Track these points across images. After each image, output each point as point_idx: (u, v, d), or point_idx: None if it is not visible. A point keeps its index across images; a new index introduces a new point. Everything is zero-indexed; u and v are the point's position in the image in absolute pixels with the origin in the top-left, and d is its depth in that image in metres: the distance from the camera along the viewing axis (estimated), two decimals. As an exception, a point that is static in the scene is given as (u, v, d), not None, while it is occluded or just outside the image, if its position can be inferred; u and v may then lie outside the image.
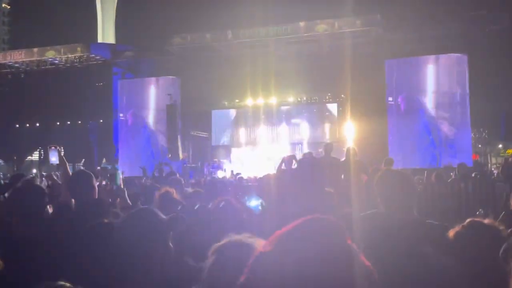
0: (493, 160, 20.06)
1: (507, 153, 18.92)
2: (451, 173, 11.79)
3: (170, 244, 2.27)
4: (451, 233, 2.47)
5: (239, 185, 13.38)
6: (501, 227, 2.49)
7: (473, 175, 10.81)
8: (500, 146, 20.66)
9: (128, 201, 4.82)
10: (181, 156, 19.43)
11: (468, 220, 2.46)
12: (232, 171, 19.89)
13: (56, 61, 21.23)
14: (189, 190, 7.22)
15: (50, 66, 21.40)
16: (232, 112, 23.33)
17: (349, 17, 18.14)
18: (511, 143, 18.86)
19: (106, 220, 2.82)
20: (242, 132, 23.26)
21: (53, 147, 5.37)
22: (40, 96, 21.15)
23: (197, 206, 4.83)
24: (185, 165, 20.55)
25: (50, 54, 20.95)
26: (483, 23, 17.58)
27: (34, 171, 22.02)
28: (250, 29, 19.32)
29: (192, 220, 4.03)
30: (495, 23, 17.63)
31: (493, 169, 17.45)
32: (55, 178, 5.75)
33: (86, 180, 3.97)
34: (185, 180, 15.85)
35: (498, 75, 16.91)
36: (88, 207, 3.67)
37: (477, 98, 17.53)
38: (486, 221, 2.49)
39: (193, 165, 21.90)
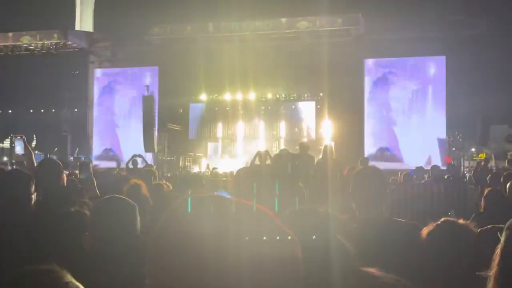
0: (466, 164, 20.34)
1: (480, 157, 19.21)
2: (425, 175, 11.93)
3: (138, 232, 2.27)
4: (424, 231, 2.48)
5: (214, 180, 13.31)
6: (473, 227, 2.54)
7: (445, 177, 10.96)
8: (473, 149, 20.98)
9: (97, 191, 4.77)
10: (156, 148, 19.22)
11: (442, 219, 2.48)
12: (208, 165, 19.78)
13: (32, 47, 20.76)
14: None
15: (25, 52, 20.91)
16: (210, 106, 23.18)
17: (330, 15, 18.20)
18: (486, 147, 19.17)
19: (73, 209, 2.81)
20: (219, 127, 23.16)
21: (18, 136, 5.28)
22: (14, 82, 20.65)
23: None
24: (160, 158, 20.38)
25: (26, 40, 20.48)
26: (462, 27, 17.85)
27: (5, 158, 21.57)
28: (231, 22, 19.21)
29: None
30: (472, 28, 17.91)
31: (465, 172, 17.70)
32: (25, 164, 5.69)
33: (53, 169, 3.92)
34: (160, 173, 15.73)
35: (475, 80, 17.18)
36: (54, 196, 3.61)
37: (453, 102, 17.79)
38: (459, 221, 2.52)
39: (168, 158, 21.71)
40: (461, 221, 2.55)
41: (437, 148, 18.06)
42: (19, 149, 5.09)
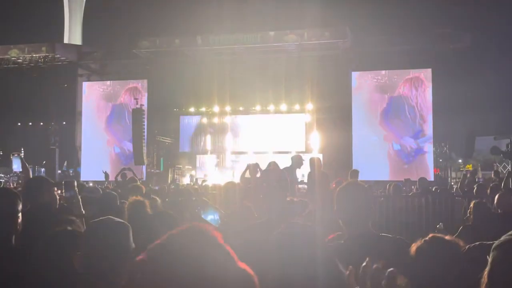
0: (453, 175, 20.52)
1: (467, 168, 19.42)
2: (413, 187, 12.04)
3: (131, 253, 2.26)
4: (413, 247, 2.50)
5: (204, 193, 13.24)
6: (461, 244, 2.54)
7: (433, 189, 11.06)
8: (460, 161, 21.19)
9: (82, 209, 4.70)
10: (145, 161, 19.17)
11: (430, 235, 2.50)
12: (196, 180, 19.74)
13: (20, 60, 20.65)
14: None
15: (13, 65, 20.80)
16: (199, 119, 23.21)
17: (318, 28, 18.37)
18: (472, 160, 19.39)
19: (62, 228, 2.78)
20: (208, 139, 23.15)
21: (16, 154, 5.19)
22: (1, 95, 20.50)
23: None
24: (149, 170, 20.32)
25: (14, 53, 20.36)
26: (447, 40, 18.10)
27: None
28: (219, 35, 19.30)
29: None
30: (458, 41, 18.17)
31: (452, 183, 17.86)
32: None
33: (42, 187, 3.87)
34: (149, 187, 15.64)
35: (461, 92, 17.40)
36: (43, 213, 3.58)
37: (440, 113, 17.99)
38: (447, 237, 2.54)
39: (157, 171, 21.65)
40: (448, 237, 2.57)
41: (423, 160, 18.22)
42: (15, 167, 5.01)
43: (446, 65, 17.70)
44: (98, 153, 20.80)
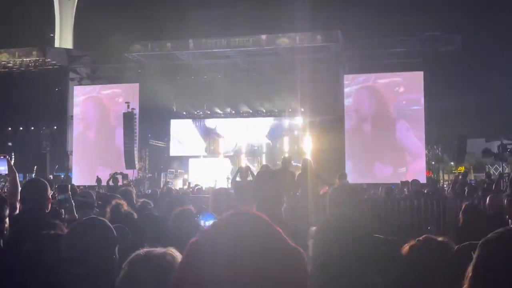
0: (446, 177, 20.60)
1: (459, 170, 19.50)
2: (405, 189, 12.08)
3: (116, 255, 2.25)
4: (406, 247, 2.52)
5: (197, 197, 13.23)
6: (452, 245, 2.58)
7: (425, 191, 11.11)
8: (452, 163, 21.27)
9: (75, 213, 4.68)
10: (137, 165, 19.10)
11: (423, 236, 2.52)
12: (189, 183, 19.69)
13: (10, 65, 20.54)
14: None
15: (3, 70, 20.67)
16: (191, 122, 23.19)
17: (310, 32, 18.43)
18: (464, 163, 19.48)
19: (53, 232, 2.75)
20: (200, 143, 23.14)
21: (1, 156, 5.09)
22: (-8, 100, 20.37)
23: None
24: (141, 175, 20.22)
25: (4, 57, 20.26)
26: (438, 43, 18.19)
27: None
28: (211, 39, 19.31)
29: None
30: (448, 43, 18.27)
31: (445, 185, 17.92)
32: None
33: (39, 189, 3.85)
34: (141, 191, 15.59)
35: (452, 94, 17.51)
36: (33, 216, 3.54)
37: (432, 116, 18.06)
38: (439, 238, 2.56)
39: (149, 175, 21.58)
40: (441, 238, 2.59)
41: (415, 162, 18.26)
42: (2, 169, 4.91)
43: (438, 68, 17.80)
44: (90, 157, 20.66)
